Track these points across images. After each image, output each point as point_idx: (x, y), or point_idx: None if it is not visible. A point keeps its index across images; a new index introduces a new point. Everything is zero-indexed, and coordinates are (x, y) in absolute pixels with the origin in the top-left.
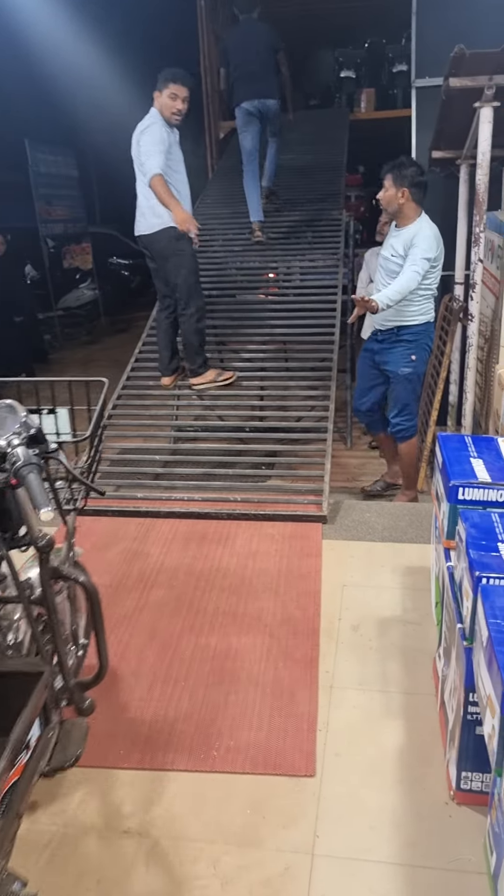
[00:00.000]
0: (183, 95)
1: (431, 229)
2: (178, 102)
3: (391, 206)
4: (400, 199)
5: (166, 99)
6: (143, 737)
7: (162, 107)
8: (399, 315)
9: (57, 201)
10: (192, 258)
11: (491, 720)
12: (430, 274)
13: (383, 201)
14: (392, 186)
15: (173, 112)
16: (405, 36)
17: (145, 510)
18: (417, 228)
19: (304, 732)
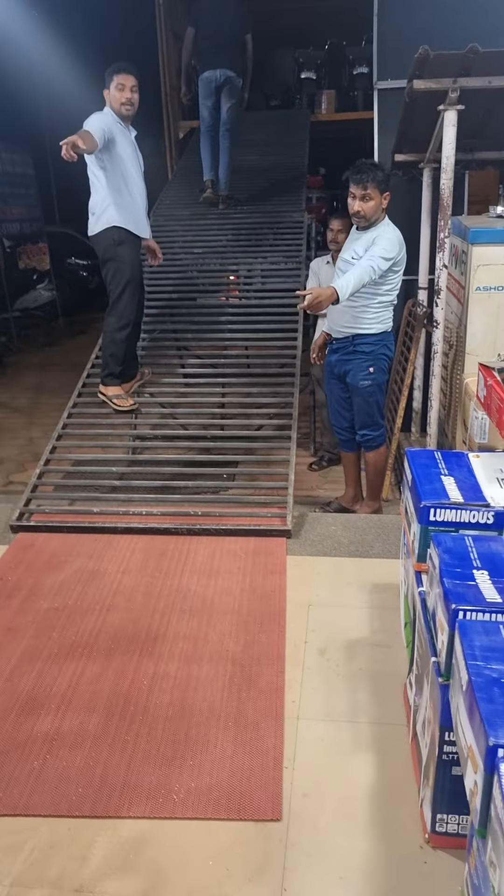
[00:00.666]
0: (130, 84)
1: (395, 232)
2: (125, 92)
3: (375, 216)
4: (383, 204)
5: (114, 91)
6: (98, 779)
7: (111, 101)
8: (355, 322)
9: (13, 200)
10: (130, 267)
11: (473, 775)
12: (389, 279)
13: (366, 212)
14: (378, 195)
15: (122, 103)
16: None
17: (102, 525)
18: (381, 230)
19: (269, 770)
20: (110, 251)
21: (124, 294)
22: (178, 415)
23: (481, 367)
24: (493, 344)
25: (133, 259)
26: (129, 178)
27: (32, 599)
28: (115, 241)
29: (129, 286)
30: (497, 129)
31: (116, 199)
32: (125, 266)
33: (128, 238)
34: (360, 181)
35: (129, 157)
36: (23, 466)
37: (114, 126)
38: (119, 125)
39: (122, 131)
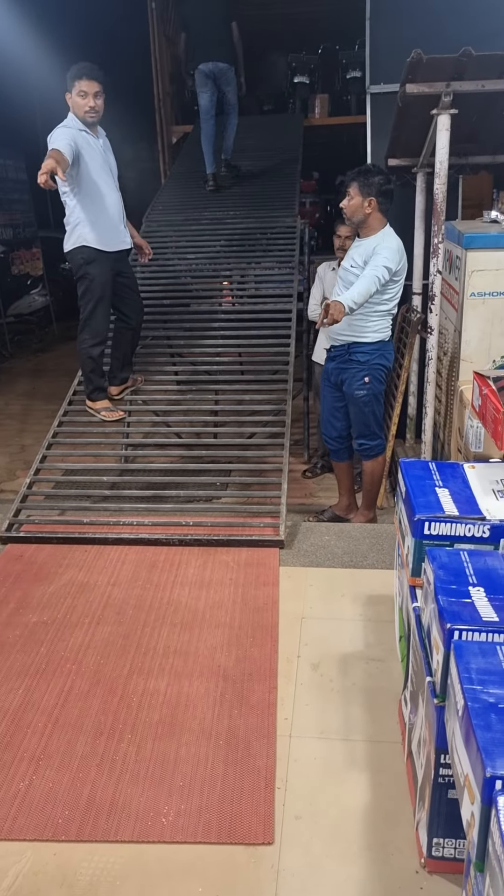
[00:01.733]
0: (93, 91)
1: (396, 241)
2: (88, 100)
3: (356, 216)
4: (366, 208)
5: (77, 98)
6: (85, 800)
7: (75, 107)
8: (352, 330)
9: (6, 206)
10: (100, 285)
11: (470, 806)
12: (389, 288)
13: (348, 211)
14: (358, 195)
15: (86, 111)
16: (359, 42)
17: (92, 536)
18: (381, 239)
19: (261, 791)
20: (80, 270)
21: (96, 311)
22: (171, 422)
23: (476, 375)
24: (487, 350)
25: (103, 277)
26: (99, 191)
27: (21, 613)
28: (85, 260)
29: (99, 304)
30: (491, 133)
31: (85, 216)
32: (95, 284)
33: (98, 256)
34: (345, 181)
35: (98, 167)
36: (14, 475)
37: (79, 138)
38: (84, 133)
39: (87, 141)
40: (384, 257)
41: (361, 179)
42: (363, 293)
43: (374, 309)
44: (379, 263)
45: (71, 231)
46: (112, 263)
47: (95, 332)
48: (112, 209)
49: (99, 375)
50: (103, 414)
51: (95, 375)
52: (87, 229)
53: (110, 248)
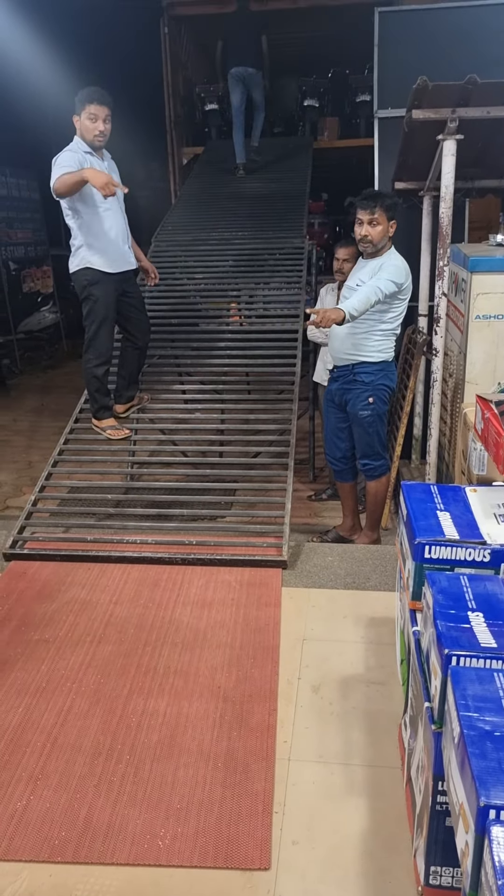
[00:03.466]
0: (103, 115)
1: (402, 261)
2: (98, 123)
3: (382, 241)
4: (390, 231)
5: (86, 121)
6: (82, 822)
7: (83, 130)
8: (356, 349)
9: (18, 224)
10: (104, 306)
11: (465, 835)
12: (394, 307)
13: (375, 237)
14: (385, 220)
15: (95, 135)
16: (368, 66)
17: (95, 554)
18: (387, 258)
19: (258, 816)
20: (84, 291)
21: (100, 332)
22: (177, 440)
23: (479, 399)
24: (493, 372)
25: (107, 298)
26: (103, 213)
27: (22, 630)
28: (89, 282)
29: (103, 324)
30: (497, 157)
31: (90, 239)
32: (99, 305)
33: (102, 278)
34: (367, 206)
35: None
36: (20, 491)
37: (85, 161)
38: (89, 156)
39: (93, 164)
40: (389, 272)
41: (387, 202)
42: (364, 301)
43: (378, 329)
44: (384, 277)
45: (75, 252)
46: (116, 284)
47: (100, 352)
48: (116, 231)
49: (104, 395)
50: (109, 432)
51: (100, 395)
52: (91, 251)
53: (114, 269)
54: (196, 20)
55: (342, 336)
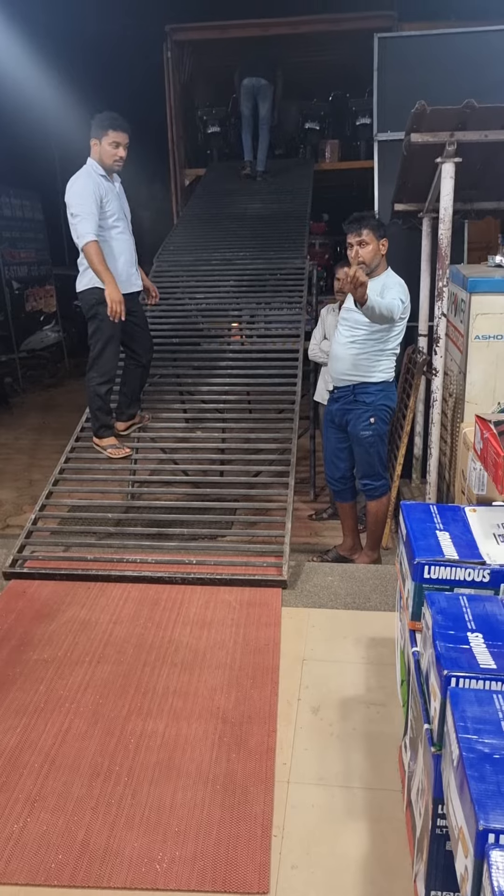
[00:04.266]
0: (124, 142)
1: (401, 280)
2: (119, 150)
3: (374, 261)
4: (381, 250)
5: (107, 147)
6: (79, 844)
7: (102, 155)
8: (357, 370)
9: (22, 244)
10: (110, 326)
11: (464, 860)
12: (394, 327)
13: (366, 257)
14: (374, 240)
15: (115, 160)
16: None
17: (95, 573)
18: (386, 278)
19: (257, 839)
20: (92, 310)
21: (105, 351)
22: (178, 459)
23: (478, 419)
24: (492, 392)
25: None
26: (114, 235)
27: (21, 650)
28: (97, 301)
29: (109, 343)
30: (495, 180)
31: None
32: (105, 324)
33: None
34: (354, 229)
35: (115, 211)
36: (21, 509)
37: (100, 185)
38: (103, 179)
39: (107, 187)
40: (396, 291)
41: (372, 223)
42: (385, 306)
43: (378, 349)
44: (395, 297)
45: (84, 272)
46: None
47: (104, 370)
48: (125, 253)
49: (105, 413)
50: (110, 451)
51: (102, 413)
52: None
53: (122, 290)
54: (198, 44)
55: (342, 357)
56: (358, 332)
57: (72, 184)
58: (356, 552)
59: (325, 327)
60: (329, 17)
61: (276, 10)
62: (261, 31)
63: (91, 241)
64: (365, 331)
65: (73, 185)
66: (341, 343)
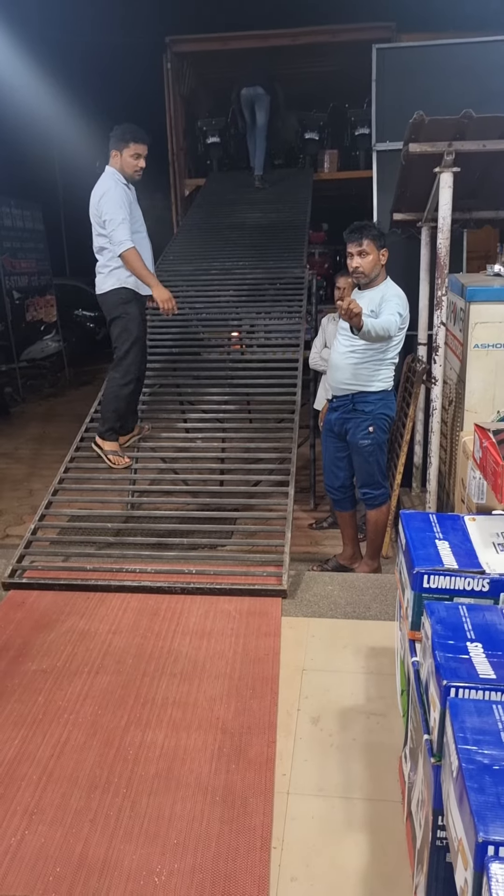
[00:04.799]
0: (145, 153)
1: (400, 290)
2: (140, 161)
3: (374, 271)
4: (382, 259)
5: (129, 158)
6: (77, 857)
7: (124, 166)
8: (356, 379)
9: (22, 254)
10: (138, 325)
11: (464, 872)
12: (394, 337)
13: (366, 267)
14: (375, 249)
15: (136, 171)
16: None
17: (95, 583)
18: (386, 288)
19: (256, 851)
20: (119, 309)
21: (131, 351)
22: (178, 468)
23: (476, 427)
24: (492, 401)
25: (140, 317)
26: (140, 240)
27: (20, 661)
28: (124, 300)
29: (136, 344)
30: (493, 189)
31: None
32: (133, 324)
33: (135, 297)
34: (355, 238)
35: (136, 217)
36: (21, 519)
37: (125, 197)
38: (126, 188)
39: (131, 195)
40: (395, 304)
41: (373, 232)
42: (381, 327)
43: (377, 359)
44: (393, 310)
45: (108, 273)
46: (143, 307)
47: (127, 370)
48: (146, 257)
49: (118, 418)
50: (111, 458)
51: (115, 415)
52: (126, 272)
53: (144, 292)
54: (198, 56)
55: (342, 366)
56: (357, 341)
57: (103, 193)
58: (356, 561)
59: (325, 336)
60: (328, 28)
61: (275, 22)
62: (260, 43)
63: (131, 247)
64: (364, 341)
65: (105, 193)
66: (340, 353)
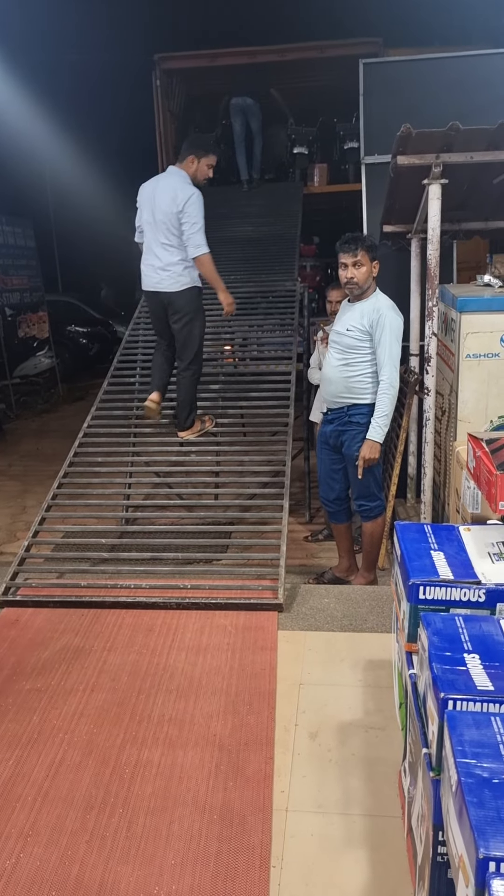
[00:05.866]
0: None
1: (391, 304)
2: (210, 172)
3: (367, 282)
4: (374, 271)
5: (205, 167)
6: (73, 880)
7: (198, 172)
8: (350, 392)
9: (14, 271)
10: (203, 320)
11: (465, 889)
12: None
13: (360, 279)
14: (368, 261)
15: (205, 178)
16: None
17: (89, 600)
18: (376, 301)
19: (255, 870)
20: (193, 305)
21: (202, 347)
22: (173, 483)
23: (470, 437)
24: (484, 410)
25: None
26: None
27: (14, 680)
28: (198, 297)
29: (203, 336)
30: (482, 200)
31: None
32: (202, 322)
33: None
34: (349, 249)
35: None
36: (14, 536)
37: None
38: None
39: None
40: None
41: (367, 244)
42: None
43: (371, 371)
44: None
45: (183, 272)
46: None
47: (200, 364)
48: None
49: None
50: (208, 425)
51: (195, 405)
52: (196, 272)
53: None
54: (187, 72)
55: (336, 379)
56: (349, 355)
57: (189, 196)
58: (352, 573)
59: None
60: (316, 44)
61: (263, 38)
62: (249, 59)
63: (208, 252)
64: (356, 354)
65: (191, 197)
66: (333, 366)
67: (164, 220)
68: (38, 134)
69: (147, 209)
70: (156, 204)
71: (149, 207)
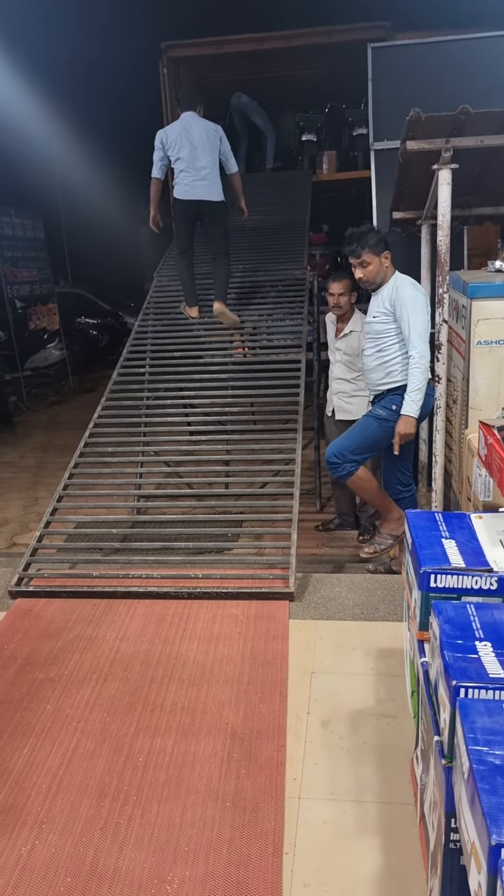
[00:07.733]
0: None
1: (410, 282)
2: None
3: (379, 276)
4: (384, 264)
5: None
6: (88, 867)
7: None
8: (389, 377)
9: (23, 263)
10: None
11: (477, 875)
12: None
13: (368, 277)
14: (374, 258)
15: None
16: (364, 101)
17: (101, 590)
18: (395, 282)
19: (268, 857)
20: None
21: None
22: (183, 473)
23: (481, 424)
24: (496, 397)
25: None
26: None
27: (28, 669)
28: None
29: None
30: (493, 185)
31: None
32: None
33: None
34: (353, 252)
35: None
36: (26, 527)
37: None
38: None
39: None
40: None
41: (370, 242)
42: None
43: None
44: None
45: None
46: None
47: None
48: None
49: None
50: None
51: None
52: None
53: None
54: (194, 61)
55: (373, 367)
56: (380, 340)
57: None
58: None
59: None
60: (323, 29)
61: (270, 25)
62: (256, 46)
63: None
64: (386, 338)
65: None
66: (369, 355)
67: (208, 145)
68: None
69: (185, 143)
70: (194, 137)
71: (187, 142)
